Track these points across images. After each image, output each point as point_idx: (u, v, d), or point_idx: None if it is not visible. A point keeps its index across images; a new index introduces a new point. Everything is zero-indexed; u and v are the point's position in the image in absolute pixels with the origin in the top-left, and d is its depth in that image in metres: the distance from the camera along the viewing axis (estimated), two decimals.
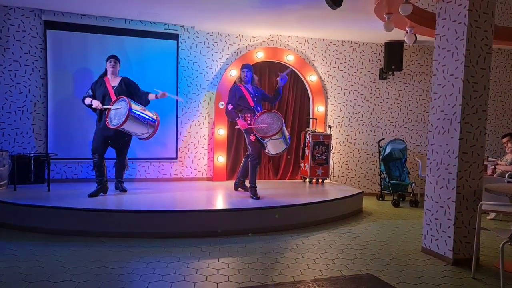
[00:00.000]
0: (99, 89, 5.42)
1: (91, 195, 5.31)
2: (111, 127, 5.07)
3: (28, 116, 6.11)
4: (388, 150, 7.13)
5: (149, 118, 5.26)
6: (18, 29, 6.01)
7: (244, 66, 5.80)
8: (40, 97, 6.15)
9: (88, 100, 5.36)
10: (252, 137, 5.58)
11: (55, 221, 4.63)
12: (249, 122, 5.58)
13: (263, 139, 5.47)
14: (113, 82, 5.47)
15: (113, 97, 5.31)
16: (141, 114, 5.19)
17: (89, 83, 6.18)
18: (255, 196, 5.58)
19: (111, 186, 5.79)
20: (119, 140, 5.46)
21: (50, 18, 6.09)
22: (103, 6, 5.82)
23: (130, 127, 5.14)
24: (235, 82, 5.88)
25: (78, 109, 6.17)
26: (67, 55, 6.21)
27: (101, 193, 5.44)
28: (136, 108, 5.17)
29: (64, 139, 6.25)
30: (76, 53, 6.25)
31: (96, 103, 5.26)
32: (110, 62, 5.44)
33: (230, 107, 5.63)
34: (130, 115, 5.02)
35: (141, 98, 5.47)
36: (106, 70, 5.46)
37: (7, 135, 6.03)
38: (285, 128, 5.55)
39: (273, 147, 5.57)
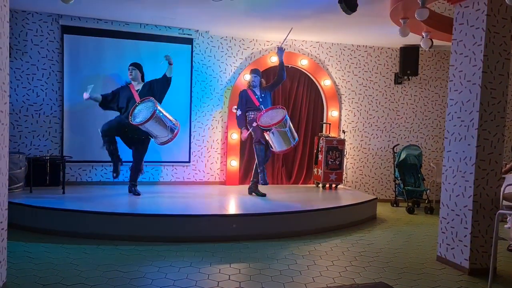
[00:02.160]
0: (123, 93, 5.63)
1: (115, 173, 5.56)
2: (134, 123, 5.18)
3: (44, 119, 6.20)
4: (403, 156, 7.05)
5: (172, 123, 5.37)
6: (36, 33, 6.11)
7: (252, 72, 6.16)
8: (57, 101, 6.24)
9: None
10: (254, 124, 5.81)
11: (69, 223, 4.68)
12: (252, 117, 5.88)
13: (269, 130, 5.61)
14: (137, 86, 5.68)
15: (137, 99, 5.46)
16: (166, 117, 5.33)
17: (104, 87, 6.27)
18: (258, 192, 5.88)
19: (124, 189, 5.83)
20: (135, 134, 5.50)
21: (67, 23, 6.18)
22: (119, 11, 5.88)
23: (152, 127, 5.26)
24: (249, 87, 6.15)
25: (93, 113, 6.24)
26: (83, 59, 6.29)
27: (120, 165, 5.60)
28: (161, 110, 5.30)
29: (79, 142, 6.31)
30: (92, 57, 6.32)
31: (85, 95, 5.46)
32: (128, 69, 5.70)
33: (239, 113, 6.03)
34: (156, 115, 5.13)
35: (163, 83, 5.70)
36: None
37: (24, 138, 6.13)
38: (290, 124, 5.71)
39: (277, 140, 5.68)
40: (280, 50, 6.11)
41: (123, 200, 5.48)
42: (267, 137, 5.72)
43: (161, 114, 5.25)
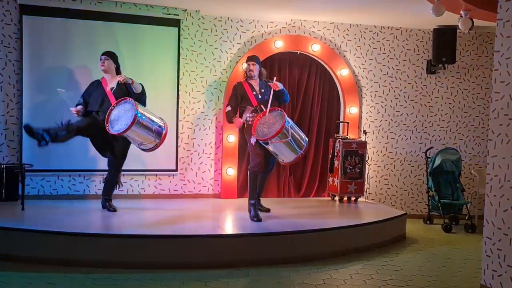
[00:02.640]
0: (95, 92, 5.54)
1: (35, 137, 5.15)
2: (112, 133, 5.15)
3: None
4: (437, 162, 7.04)
5: (157, 124, 5.33)
6: None
7: (249, 59, 5.93)
8: (14, 96, 6.25)
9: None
10: (252, 140, 5.67)
11: (30, 246, 4.67)
12: (250, 123, 5.64)
13: (266, 144, 5.50)
14: (111, 83, 5.57)
15: (112, 100, 5.40)
16: (149, 119, 5.26)
17: (72, 79, 6.28)
18: (254, 217, 5.55)
19: (97, 204, 5.84)
20: (107, 138, 5.43)
21: (26, 2, 6.18)
22: None
23: (135, 134, 5.22)
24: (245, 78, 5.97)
25: (60, 112, 6.22)
26: (47, 45, 6.30)
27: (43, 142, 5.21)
28: (143, 112, 5.25)
29: (42, 148, 6.28)
30: (58, 43, 6.33)
31: (74, 109, 5.38)
32: (100, 59, 5.59)
33: (228, 108, 5.86)
34: (137, 119, 5.08)
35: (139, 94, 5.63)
36: None
37: None
38: (294, 129, 5.51)
39: (279, 153, 5.56)
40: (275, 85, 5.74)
41: (96, 218, 5.48)
42: (268, 148, 5.60)
43: (143, 117, 5.20)
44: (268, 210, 6.06)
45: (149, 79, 6.51)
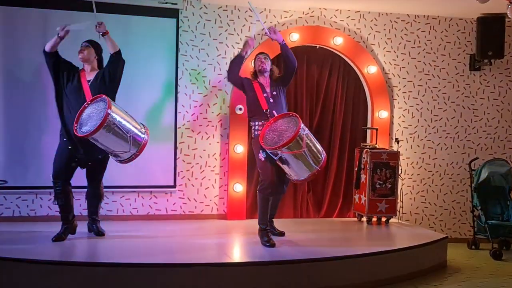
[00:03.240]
0: (71, 82, 5.49)
1: (57, 238, 5.39)
2: (79, 135, 5.12)
3: None
4: (484, 175, 7.01)
5: (134, 131, 5.28)
6: None
7: (261, 53, 6.01)
8: None
9: (51, 41, 5.47)
10: (261, 155, 5.63)
11: (4, 278, 4.68)
12: (258, 133, 5.62)
13: (275, 156, 5.45)
14: (89, 75, 5.57)
15: (88, 95, 5.39)
16: (124, 123, 5.20)
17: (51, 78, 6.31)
18: (267, 242, 5.54)
19: (82, 227, 5.86)
20: (89, 157, 5.51)
21: None
22: None
23: (104, 139, 5.16)
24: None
25: (38, 117, 6.30)
26: (23, 40, 6.35)
27: (69, 235, 5.51)
28: (119, 113, 5.21)
29: (18, 159, 6.37)
30: (35, 38, 6.36)
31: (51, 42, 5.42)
32: (81, 46, 5.60)
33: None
34: (107, 121, 5.02)
35: (114, 66, 5.59)
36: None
37: None
38: (310, 138, 5.47)
39: (290, 167, 5.49)
40: (272, 33, 5.90)
41: (81, 243, 5.49)
42: (278, 163, 5.55)
43: (116, 119, 5.13)
44: (282, 234, 6.05)
45: (143, 79, 6.56)
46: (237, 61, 5.94)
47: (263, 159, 5.61)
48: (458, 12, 7.46)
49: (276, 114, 5.60)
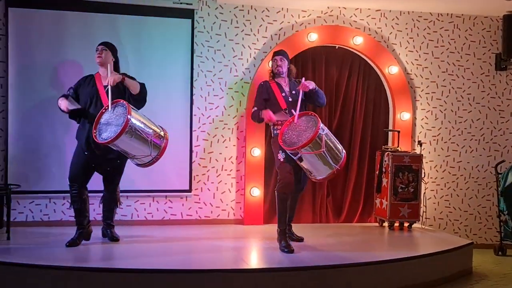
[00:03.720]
0: (86, 89, 5.54)
1: (71, 243, 5.43)
2: (100, 141, 5.17)
3: None
4: (511, 179, 6.97)
5: (154, 134, 5.34)
6: None
7: (276, 53, 6.00)
8: None
9: (60, 103, 5.46)
10: (280, 156, 5.69)
11: (16, 283, 4.72)
12: (277, 132, 5.65)
13: (294, 155, 5.48)
14: (105, 80, 5.58)
15: (105, 100, 5.42)
16: (145, 128, 5.26)
17: (66, 81, 6.35)
18: (285, 248, 5.54)
19: (96, 232, 5.90)
20: (107, 162, 5.58)
21: None
22: None
23: (126, 144, 5.21)
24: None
25: (52, 121, 6.36)
26: (37, 42, 6.43)
27: (83, 240, 5.56)
28: (138, 118, 5.26)
29: (31, 164, 6.43)
30: (49, 40, 6.45)
31: (63, 105, 5.38)
32: (96, 50, 5.61)
33: (254, 109, 5.90)
34: (128, 127, 5.09)
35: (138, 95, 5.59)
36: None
37: None
38: (328, 137, 5.47)
39: (310, 167, 5.54)
40: (305, 88, 5.74)
41: (95, 249, 5.53)
42: (298, 162, 5.62)
43: (136, 124, 5.19)
44: (301, 239, 6.04)
45: (157, 81, 6.58)
46: (256, 118, 5.92)
47: (282, 160, 5.66)
48: (483, 10, 7.41)
49: (294, 113, 5.61)
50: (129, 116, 5.07)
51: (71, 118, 5.59)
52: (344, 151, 5.65)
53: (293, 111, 5.64)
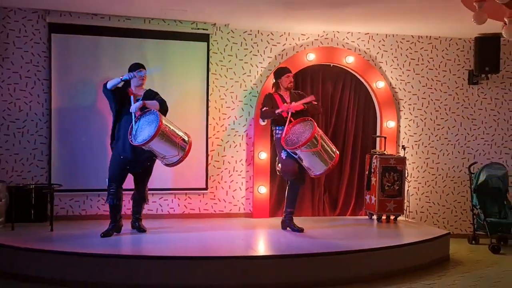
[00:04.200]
0: (123, 95, 5.56)
1: (105, 234, 5.47)
2: (136, 144, 5.24)
3: (28, 138, 6.40)
4: (482, 178, 6.92)
5: (181, 137, 5.43)
6: (19, 34, 6.35)
7: (288, 70, 6.17)
8: (43, 116, 6.44)
9: (114, 81, 5.44)
10: (283, 155, 5.82)
11: (58, 268, 4.76)
12: (279, 136, 5.83)
13: (295, 154, 5.61)
14: (137, 91, 5.65)
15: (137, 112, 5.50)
16: (173, 131, 5.35)
17: (100, 97, 6.41)
18: (295, 227, 5.80)
19: (126, 224, 5.91)
20: (139, 164, 5.61)
21: (55, 20, 6.39)
22: (118, 3, 6.06)
23: (158, 146, 5.31)
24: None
25: (88, 129, 6.40)
26: (75, 63, 6.49)
27: (115, 232, 5.58)
28: (167, 124, 5.37)
29: (71, 166, 6.46)
30: (86, 61, 6.51)
31: (114, 80, 5.39)
32: (141, 72, 5.51)
33: (264, 108, 6.00)
34: (161, 130, 5.18)
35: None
36: (128, 80, 5.54)
37: (4, 163, 6.33)
38: (323, 139, 5.64)
39: (308, 163, 5.68)
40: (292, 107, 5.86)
41: (125, 239, 5.55)
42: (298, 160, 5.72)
43: (167, 128, 5.30)
44: (301, 230, 6.02)
45: (178, 95, 6.63)
46: (269, 114, 5.99)
47: (284, 157, 5.79)
48: (457, 33, 7.39)
49: (293, 120, 5.79)
50: (161, 122, 5.20)
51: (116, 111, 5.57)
52: (337, 151, 5.84)
53: (292, 118, 5.79)
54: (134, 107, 5.38)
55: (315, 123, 5.59)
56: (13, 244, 4.98)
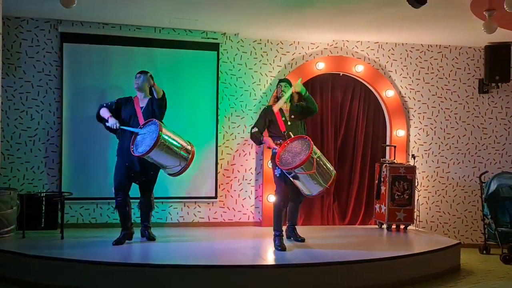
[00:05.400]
0: (126, 109, 5.69)
1: (116, 242, 5.49)
2: (136, 154, 5.25)
3: (40, 147, 6.46)
4: (493, 187, 6.87)
5: (182, 148, 5.40)
6: (31, 44, 6.44)
7: (281, 81, 5.95)
8: (54, 124, 6.50)
9: (104, 112, 5.57)
10: (276, 172, 5.65)
11: (68, 276, 4.77)
12: (275, 151, 5.55)
13: (289, 174, 5.43)
14: (142, 102, 5.72)
15: (141, 119, 5.54)
16: (174, 142, 5.35)
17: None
18: (278, 246, 5.53)
19: (136, 233, 5.93)
20: (143, 174, 5.64)
21: (67, 30, 6.47)
22: (129, 13, 6.12)
23: (158, 156, 5.29)
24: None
25: (98, 138, 6.43)
26: (87, 72, 6.55)
27: (127, 240, 5.61)
28: (168, 134, 5.33)
29: (81, 175, 6.51)
30: (97, 70, 6.57)
31: (112, 121, 5.48)
32: (135, 77, 5.72)
33: (254, 130, 5.72)
34: (160, 141, 5.17)
35: (159, 106, 5.68)
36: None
37: (15, 171, 6.39)
38: (320, 159, 5.39)
39: (304, 185, 5.47)
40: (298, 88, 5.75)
41: (135, 247, 5.57)
42: (292, 180, 5.54)
43: (167, 138, 5.28)
44: (302, 240, 5.99)
45: (188, 104, 6.68)
46: (256, 141, 5.80)
47: (277, 175, 5.62)
48: (467, 42, 7.39)
49: (292, 135, 5.55)
50: (160, 132, 5.18)
51: (114, 133, 5.66)
52: (334, 171, 5.58)
53: (290, 133, 5.57)
54: (112, 123, 5.46)
55: (312, 143, 5.32)
56: (23, 252, 5.01)
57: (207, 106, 6.90)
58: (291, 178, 5.47)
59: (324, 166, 5.45)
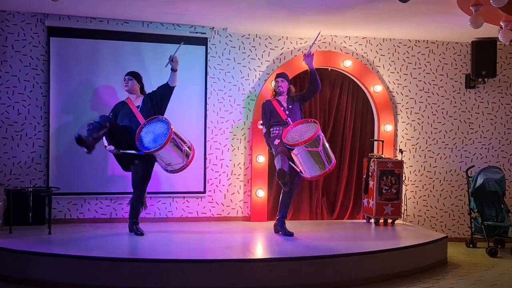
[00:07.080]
0: (122, 111, 5.77)
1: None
2: (144, 151, 5.30)
3: (27, 142, 6.39)
4: (480, 181, 6.92)
5: (187, 145, 5.50)
6: (18, 37, 6.36)
7: (278, 76, 6.25)
8: (41, 119, 6.44)
9: (103, 138, 5.60)
10: (276, 142, 5.88)
11: (56, 271, 4.76)
12: (277, 133, 5.93)
13: (296, 149, 5.60)
14: (136, 102, 5.77)
15: (140, 118, 5.58)
16: (181, 140, 5.48)
17: (99, 100, 6.44)
18: (287, 231, 5.81)
19: (123, 228, 5.94)
20: (127, 159, 5.70)
21: (54, 24, 6.41)
22: (117, 7, 6.07)
23: (166, 153, 5.36)
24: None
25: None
26: (74, 67, 6.49)
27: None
28: (176, 132, 5.49)
29: (69, 170, 6.45)
30: (85, 65, 6.52)
31: (110, 148, 5.54)
32: (124, 80, 5.87)
33: (264, 130, 6.17)
34: (171, 139, 5.23)
35: (164, 93, 5.84)
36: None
37: (2, 166, 6.32)
38: (325, 142, 5.71)
39: (307, 163, 5.60)
40: (308, 57, 6.13)
41: (123, 242, 5.56)
42: (294, 159, 5.72)
43: (176, 136, 5.38)
44: (290, 234, 5.99)
45: (176, 99, 6.58)
46: (266, 141, 6.24)
47: (277, 143, 5.84)
48: (454, 37, 7.42)
49: (291, 122, 5.87)
50: (171, 130, 5.32)
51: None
52: (334, 158, 5.85)
53: (290, 121, 5.90)
54: (110, 149, 5.57)
55: (318, 124, 5.70)
56: (11, 247, 4.97)
57: (195, 101, 6.88)
58: (296, 155, 5.59)
59: (329, 149, 5.74)
